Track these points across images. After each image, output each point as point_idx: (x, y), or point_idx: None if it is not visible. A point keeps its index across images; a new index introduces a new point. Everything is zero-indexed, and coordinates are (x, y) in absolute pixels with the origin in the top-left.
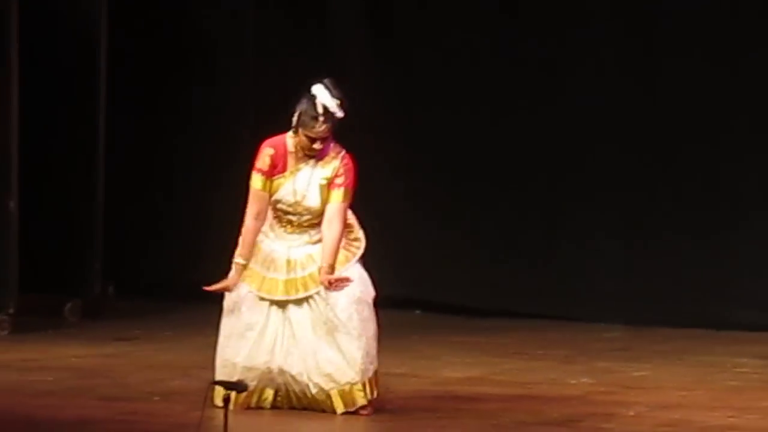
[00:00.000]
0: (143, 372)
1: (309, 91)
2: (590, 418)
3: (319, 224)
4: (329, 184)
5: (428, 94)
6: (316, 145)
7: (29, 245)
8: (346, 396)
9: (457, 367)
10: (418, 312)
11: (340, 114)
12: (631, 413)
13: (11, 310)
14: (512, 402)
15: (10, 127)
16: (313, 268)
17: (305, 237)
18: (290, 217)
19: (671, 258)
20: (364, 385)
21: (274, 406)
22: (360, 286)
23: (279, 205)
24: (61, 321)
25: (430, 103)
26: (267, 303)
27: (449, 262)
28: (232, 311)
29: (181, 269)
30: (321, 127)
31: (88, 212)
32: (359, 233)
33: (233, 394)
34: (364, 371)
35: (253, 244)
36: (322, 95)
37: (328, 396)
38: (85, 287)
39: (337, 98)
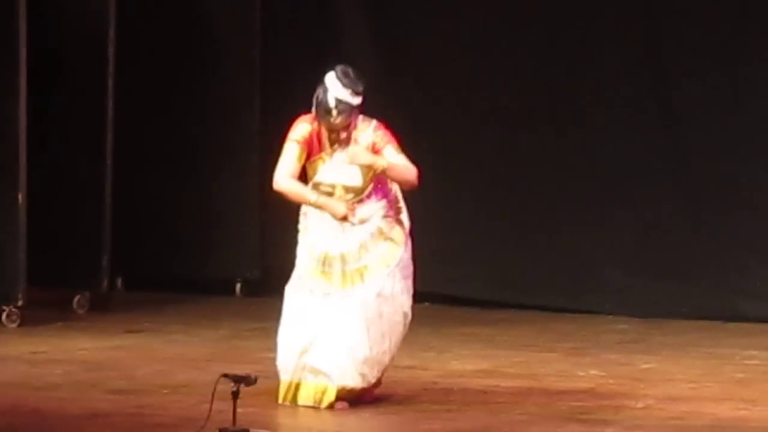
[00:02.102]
0: (152, 365)
1: (323, 79)
2: (599, 411)
3: (364, 200)
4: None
5: (436, 82)
6: (339, 135)
7: (38, 238)
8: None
9: (466, 359)
10: (427, 304)
11: (355, 101)
12: (640, 405)
13: (20, 303)
14: (521, 395)
15: (19, 121)
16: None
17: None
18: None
19: (681, 250)
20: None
21: None
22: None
23: (320, 188)
24: (70, 314)
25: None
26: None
27: (458, 255)
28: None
29: (189, 263)
30: (337, 120)
31: (96, 205)
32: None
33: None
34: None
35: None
36: (334, 87)
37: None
38: (94, 280)
39: (350, 87)
